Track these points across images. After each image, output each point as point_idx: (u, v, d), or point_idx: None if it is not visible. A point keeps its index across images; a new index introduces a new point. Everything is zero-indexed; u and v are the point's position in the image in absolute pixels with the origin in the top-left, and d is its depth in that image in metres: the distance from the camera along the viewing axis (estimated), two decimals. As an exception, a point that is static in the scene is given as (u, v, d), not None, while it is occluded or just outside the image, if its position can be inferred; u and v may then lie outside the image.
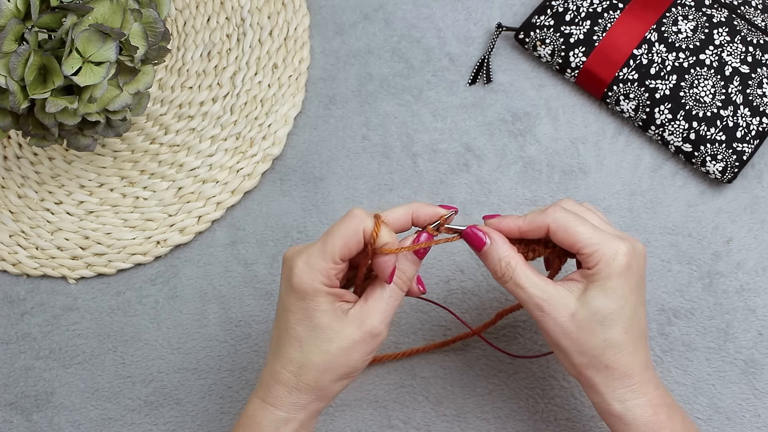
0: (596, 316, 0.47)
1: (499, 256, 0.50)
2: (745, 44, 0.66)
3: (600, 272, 0.48)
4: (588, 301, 0.48)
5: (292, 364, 0.49)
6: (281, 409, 0.49)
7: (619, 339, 0.48)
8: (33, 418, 0.65)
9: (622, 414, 0.48)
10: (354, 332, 0.48)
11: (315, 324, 0.48)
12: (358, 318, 0.48)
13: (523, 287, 0.49)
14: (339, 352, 0.48)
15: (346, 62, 0.72)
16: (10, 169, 0.71)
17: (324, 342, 0.48)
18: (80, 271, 0.68)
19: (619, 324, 0.48)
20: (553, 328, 0.48)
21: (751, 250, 0.65)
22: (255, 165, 0.69)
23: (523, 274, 0.49)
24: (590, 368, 0.49)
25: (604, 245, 0.48)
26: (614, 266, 0.47)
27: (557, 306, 0.48)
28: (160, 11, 0.58)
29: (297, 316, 0.48)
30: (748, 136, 0.65)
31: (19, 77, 0.53)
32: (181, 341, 0.66)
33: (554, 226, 0.49)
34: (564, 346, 0.49)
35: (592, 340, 0.48)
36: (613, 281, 0.47)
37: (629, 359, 0.48)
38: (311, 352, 0.48)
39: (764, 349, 0.63)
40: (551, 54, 0.69)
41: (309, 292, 0.48)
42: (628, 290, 0.48)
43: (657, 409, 0.48)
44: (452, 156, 0.69)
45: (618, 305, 0.48)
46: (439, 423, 0.63)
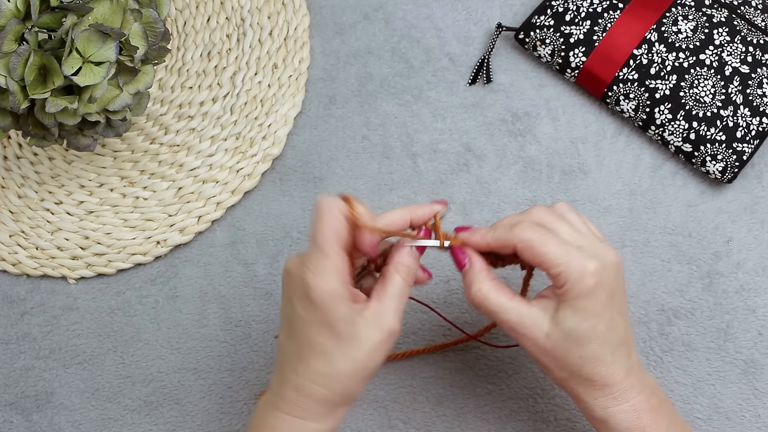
0: (570, 335, 0.47)
1: (471, 281, 0.50)
2: (745, 44, 0.66)
3: (568, 292, 0.47)
4: (560, 322, 0.48)
5: (320, 377, 0.48)
6: (313, 420, 0.48)
7: (596, 354, 0.48)
8: (33, 418, 0.65)
9: (606, 419, 0.49)
10: (375, 335, 0.47)
11: (337, 334, 0.47)
12: (375, 319, 0.48)
13: (496, 313, 0.49)
14: (365, 357, 0.47)
15: (346, 62, 0.72)
16: (10, 169, 0.71)
17: (351, 350, 0.47)
18: (80, 271, 0.68)
19: (594, 340, 0.48)
20: (530, 348, 0.49)
21: (751, 250, 0.65)
22: (255, 165, 0.69)
23: (495, 300, 0.49)
24: (570, 381, 0.49)
25: (570, 266, 0.47)
26: (582, 287, 0.47)
27: (531, 328, 0.48)
28: (160, 11, 0.58)
29: (319, 328, 0.47)
30: (748, 136, 0.65)
31: (19, 77, 0.53)
32: (181, 341, 0.66)
33: (520, 246, 0.48)
34: (543, 363, 0.50)
35: (569, 357, 0.48)
36: (582, 302, 0.47)
37: (607, 370, 0.48)
38: (339, 362, 0.47)
39: (764, 349, 0.63)
40: (551, 54, 0.69)
41: (328, 300, 0.46)
42: (599, 307, 0.47)
43: (640, 414, 0.49)
44: (452, 156, 0.69)
45: (590, 323, 0.47)
46: (439, 423, 0.63)
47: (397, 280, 0.49)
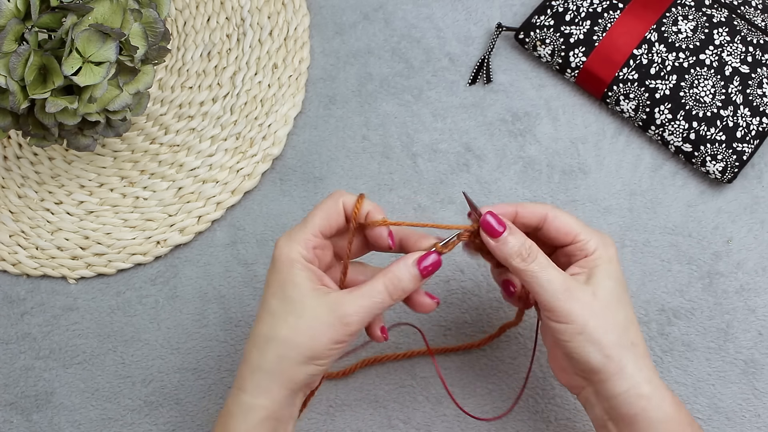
0: (613, 295, 0.49)
1: (521, 241, 0.49)
2: (745, 44, 0.66)
3: (601, 257, 0.50)
4: (601, 284, 0.49)
5: (259, 338, 0.48)
6: (246, 392, 0.48)
7: (634, 317, 0.50)
8: (33, 418, 0.65)
9: (651, 394, 0.48)
10: (324, 313, 0.47)
11: (287, 296, 0.48)
12: (334, 302, 0.47)
13: (548, 270, 0.48)
14: (305, 329, 0.47)
15: (346, 62, 0.72)
16: (10, 169, 0.71)
17: (292, 316, 0.47)
18: (80, 271, 0.68)
19: (629, 303, 0.50)
20: (581, 309, 0.48)
21: (751, 250, 0.65)
22: (255, 165, 0.69)
23: (545, 257, 0.49)
24: (619, 346, 0.48)
25: (594, 235, 0.50)
26: (609, 253, 0.50)
27: (579, 287, 0.49)
28: (160, 11, 0.58)
29: (273, 289, 0.48)
30: (748, 136, 0.65)
31: (19, 77, 0.53)
32: (181, 341, 0.66)
33: (552, 215, 0.51)
34: (592, 326, 0.48)
35: (617, 316, 0.49)
36: (613, 265, 0.50)
37: (643, 338, 0.50)
38: (279, 326, 0.47)
39: (764, 349, 0.63)
40: (551, 54, 0.69)
41: (285, 262, 0.48)
42: (622, 275, 0.50)
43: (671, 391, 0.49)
44: (452, 156, 0.69)
45: (623, 287, 0.50)
46: (439, 423, 0.63)
47: (378, 284, 0.48)
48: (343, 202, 0.50)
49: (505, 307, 0.65)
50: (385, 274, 0.48)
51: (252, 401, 0.48)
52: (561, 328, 0.48)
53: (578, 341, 0.48)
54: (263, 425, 0.48)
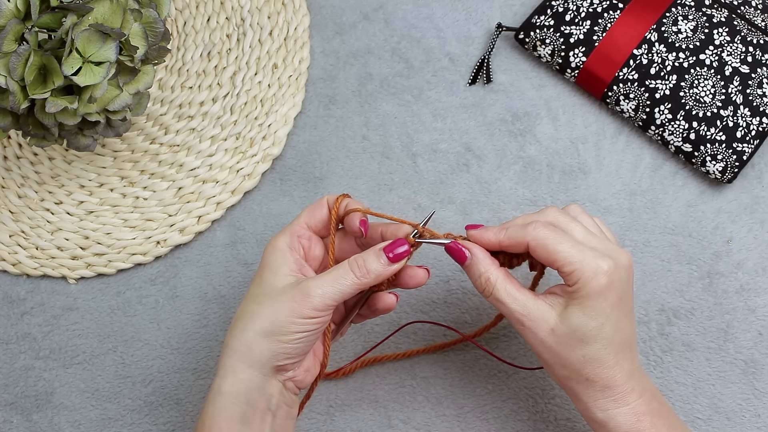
0: (575, 333, 0.48)
1: (479, 272, 0.50)
2: (745, 44, 0.66)
3: (579, 291, 0.47)
4: (567, 318, 0.48)
5: (233, 321, 0.50)
6: (218, 374, 0.49)
7: (599, 355, 0.48)
8: (33, 418, 0.65)
9: (605, 421, 0.49)
10: (287, 288, 0.49)
11: (262, 281, 0.50)
12: (300, 282, 0.49)
13: (504, 303, 0.49)
14: (267, 301, 0.49)
15: (346, 62, 0.72)
16: (10, 169, 0.71)
17: (260, 295, 0.49)
18: (80, 271, 0.68)
19: (598, 341, 0.48)
20: (534, 342, 0.49)
21: (751, 250, 0.65)
22: (255, 165, 0.69)
23: (503, 290, 0.49)
24: (571, 380, 0.49)
25: (583, 264, 0.47)
26: (593, 286, 0.47)
27: (537, 321, 0.49)
28: (160, 11, 0.58)
29: (255, 278, 0.51)
30: (748, 136, 0.65)
31: (19, 77, 0.53)
32: (181, 341, 0.66)
33: (533, 244, 0.49)
34: (545, 359, 0.50)
35: (572, 355, 0.48)
36: (593, 301, 0.47)
37: (610, 372, 0.48)
38: (247, 304, 0.49)
39: (764, 349, 0.63)
40: (551, 54, 0.69)
41: (270, 250, 0.51)
42: (608, 308, 0.48)
43: (640, 417, 0.49)
44: (452, 156, 0.69)
45: (597, 323, 0.47)
46: (439, 423, 0.63)
47: (344, 264, 0.49)
48: (327, 198, 0.54)
49: (505, 307, 0.65)
50: (356, 259, 0.50)
51: (220, 383, 0.49)
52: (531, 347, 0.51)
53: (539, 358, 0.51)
54: (231, 408, 0.48)
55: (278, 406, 0.50)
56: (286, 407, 0.51)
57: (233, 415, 0.48)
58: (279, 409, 0.50)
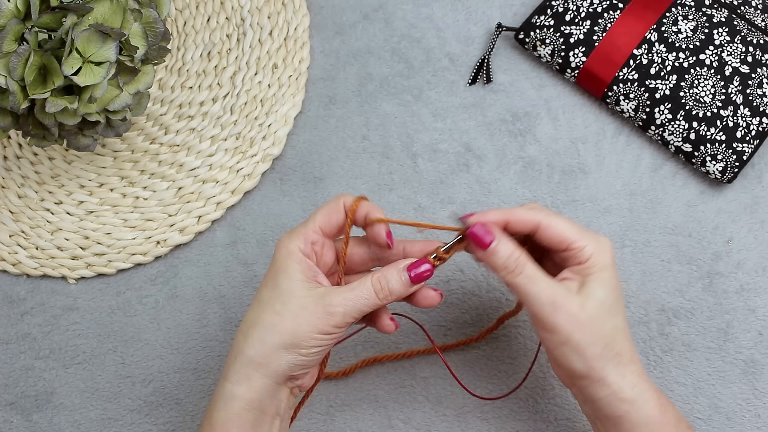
0: (603, 305, 0.49)
1: (508, 252, 0.50)
2: (745, 44, 0.66)
3: (594, 265, 0.49)
4: (591, 293, 0.49)
5: (245, 325, 0.49)
6: (230, 380, 0.49)
7: (623, 325, 0.50)
8: (33, 418, 0.65)
9: (634, 398, 0.49)
10: (310, 302, 0.48)
11: (278, 285, 0.49)
12: (321, 293, 0.48)
13: (534, 282, 0.49)
14: (287, 315, 0.48)
15: (346, 62, 0.72)
16: (10, 169, 0.71)
17: (278, 303, 0.48)
18: (80, 271, 0.68)
19: (621, 311, 0.50)
20: (566, 322, 0.48)
21: (751, 250, 0.65)
22: (255, 165, 0.69)
23: (533, 272, 0.49)
24: (602, 358, 0.49)
25: (591, 240, 0.50)
26: (605, 259, 0.50)
27: (567, 297, 0.49)
28: (160, 11, 0.58)
29: (266, 280, 0.50)
30: (748, 136, 0.65)
31: (19, 77, 0.53)
32: (181, 341, 0.66)
33: (545, 223, 0.50)
34: (577, 339, 0.48)
35: (604, 327, 0.49)
36: (608, 272, 0.49)
37: (631, 345, 0.50)
38: (265, 312, 0.48)
39: (764, 349, 0.63)
40: (551, 54, 0.69)
41: (282, 254, 0.49)
42: (617, 281, 0.50)
43: (658, 393, 0.50)
44: (452, 156, 0.69)
45: (616, 294, 0.50)
46: (439, 423, 0.63)
47: (366, 283, 0.49)
48: (344, 201, 0.51)
49: (505, 306, 0.65)
50: (378, 278, 0.49)
51: (233, 389, 0.48)
52: (547, 337, 0.50)
53: (562, 350, 0.49)
54: (243, 415, 0.48)
55: (285, 411, 0.51)
56: (289, 411, 0.51)
57: (245, 421, 0.48)
58: (285, 413, 0.51)
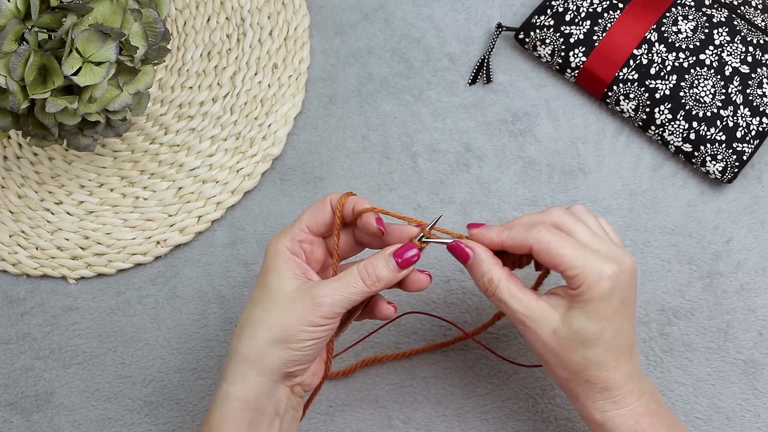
0: (576, 335, 0.48)
1: (482, 272, 0.50)
2: (745, 44, 0.66)
3: (582, 295, 0.47)
4: (569, 321, 0.48)
5: (238, 326, 0.49)
6: (226, 380, 0.49)
7: (599, 358, 0.48)
8: (33, 418, 0.65)
9: (603, 423, 0.49)
10: (297, 296, 0.48)
11: (267, 285, 0.49)
12: (309, 286, 0.48)
13: (506, 303, 0.49)
14: (276, 310, 0.48)
15: (346, 62, 0.72)
16: (10, 169, 0.71)
17: (266, 299, 0.48)
18: (80, 271, 0.68)
19: (600, 344, 0.48)
20: (535, 343, 0.49)
21: (751, 250, 0.65)
22: (255, 165, 0.69)
23: (506, 290, 0.49)
24: (571, 382, 0.49)
25: (587, 268, 0.47)
26: (596, 290, 0.47)
27: (539, 321, 0.48)
28: (160, 11, 0.58)
29: (258, 280, 0.50)
30: (748, 136, 0.65)
31: (19, 77, 0.53)
32: (181, 341, 0.66)
33: (537, 248, 0.48)
34: (546, 360, 0.50)
35: (573, 357, 0.48)
36: (595, 305, 0.47)
37: (610, 375, 0.48)
38: (254, 309, 0.49)
39: (764, 349, 0.63)
40: (551, 54, 0.69)
41: (272, 254, 0.50)
42: (611, 312, 0.47)
43: (638, 418, 0.49)
44: (452, 156, 0.69)
45: (599, 327, 0.47)
46: (439, 423, 0.63)
47: (353, 272, 0.49)
48: (330, 198, 0.52)
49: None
50: (364, 265, 0.49)
51: (228, 388, 0.48)
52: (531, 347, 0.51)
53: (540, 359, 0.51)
54: (240, 415, 0.48)
55: (285, 411, 0.50)
56: (292, 411, 0.51)
57: (242, 421, 0.48)
58: (286, 413, 0.50)
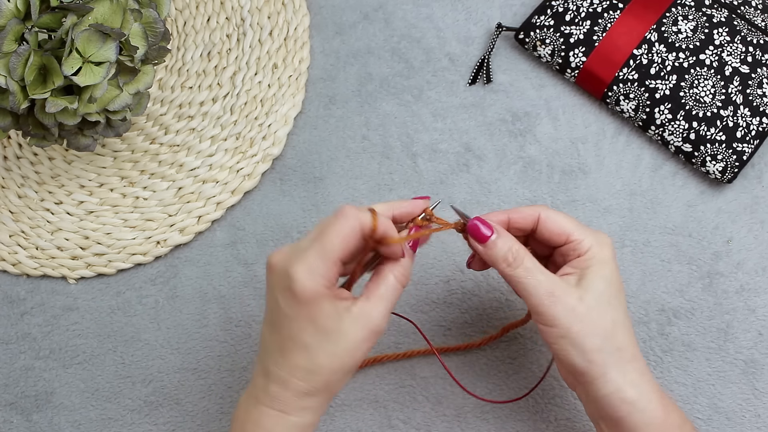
0: (602, 297, 0.49)
1: (507, 246, 0.50)
2: (745, 44, 0.66)
3: (594, 257, 0.50)
4: (590, 286, 0.49)
5: (300, 371, 0.48)
6: (293, 414, 0.48)
7: (624, 320, 0.50)
8: (33, 418, 0.65)
9: (636, 399, 0.48)
10: (359, 332, 0.48)
11: (320, 329, 0.47)
12: (361, 317, 0.48)
13: (534, 274, 0.50)
14: (345, 353, 0.48)
15: (346, 62, 0.72)
16: (10, 169, 0.71)
17: (331, 345, 0.47)
18: (80, 271, 0.68)
19: (621, 306, 0.50)
20: (564, 313, 0.49)
21: (751, 250, 0.65)
22: (255, 165, 0.69)
23: (531, 263, 0.50)
24: (602, 352, 0.49)
25: (590, 235, 0.50)
26: (604, 253, 0.50)
27: (566, 290, 0.49)
28: (160, 11, 0.58)
29: (301, 323, 0.47)
30: (748, 136, 0.65)
31: (19, 77, 0.53)
32: (181, 341, 0.66)
33: (544, 216, 0.51)
34: (575, 331, 0.48)
35: (603, 320, 0.49)
36: (608, 266, 0.50)
37: (633, 342, 0.50)
38: (319, 357, 0.47)
39: (764, 349, 0.63)
40: (551, 54, 0.69)
41: (312, 298, 0.46)
42: (617, 277, 0.50)
43: (661, 394, 0.50)
44: (452, 156, 0.69)
45: (616, 288, 0.50)
46: (439, 423, 0.63)
47: (391, 281, 0.49)
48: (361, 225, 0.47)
49: (505, 307, 0.65)
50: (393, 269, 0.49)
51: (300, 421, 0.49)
52: (546, 330, 0.50)
53: (562, 344, 0.49)
54: None
55: None
56: None
57: None
58: None
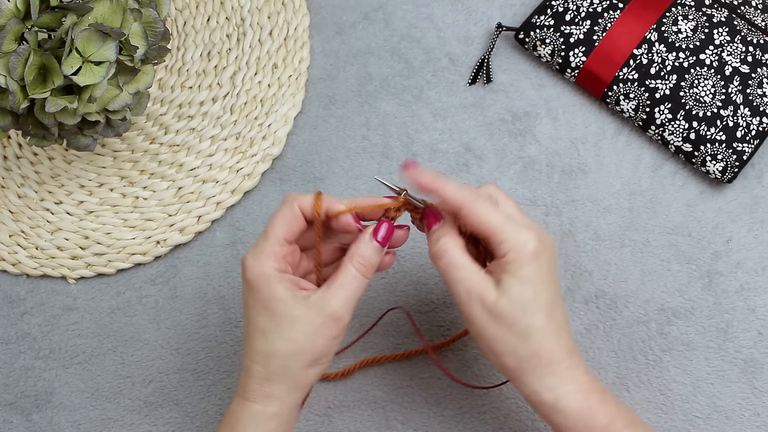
0: (517, 303, 0.48)
1: (440, 234, 0.50)
2: (745, 44, 0.66)
3: (512, 261, 0.48)
4: (506, 290, 0.48)
5: (258, 355, 0.49)
6: (257, 402, 0.49)
7: (541, 325, 0.48)
8: (33, 418, 0.65)
9: (554, 403, 0.48)
10: (315, 317, 0.48)
11: (273, 312, 0.49)
12: (318, 303, 0.48)
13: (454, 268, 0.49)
14: (302, 338, 0.48)
15: (346, 62, 0.72)
16: (10, 169, 0.71)
17: (285, 329, 0.48)
18: (80, 271, 0.68)
19: (539, 311, 0.48)
20: (479, 314, 0.48)
21: (751, 250, 0.65)
22: (255, 165, 0.69)
23: (455, 255, 0.49)
24: (516, 356, 0.48)
25: (512, 234, 0.48)
26: (524, 254, 0.48)
27: (483, 292, 0.48)
28: (160, 11, 0.58)
29: (257, 308, 0.49)
30: (748, 135, 0.65)
31: (19, 77, 0.53)
32: (180, 342, 0.66)
33: (466, 210, 0.49)
34: (490, 334, 0.48)
35: (516, 326, 0.48)
36: (525, 269, 0.48)
37: (553, 346, 0.48)
38: (274, 340, 0.49)
39: (764, 349, 0.63)
40: (551, 54, 0.69)
41: (261, 279, 0.48)
42: (540, 278, 0.48)
43: (588, 395, 0.48)
44: (452, 156, 0.69)
45: (534, 293, 0.48)
46: (438, 424, 0.63)
47: (350, 270, 0.49)
48: (299, 205, 0.50)
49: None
50: (351, 257, 0.50)
51: (264, 410, 0.49)
52: (468, 328, 0.50)
53: (480, 343, 0.50)
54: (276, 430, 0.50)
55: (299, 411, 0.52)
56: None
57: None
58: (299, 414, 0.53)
